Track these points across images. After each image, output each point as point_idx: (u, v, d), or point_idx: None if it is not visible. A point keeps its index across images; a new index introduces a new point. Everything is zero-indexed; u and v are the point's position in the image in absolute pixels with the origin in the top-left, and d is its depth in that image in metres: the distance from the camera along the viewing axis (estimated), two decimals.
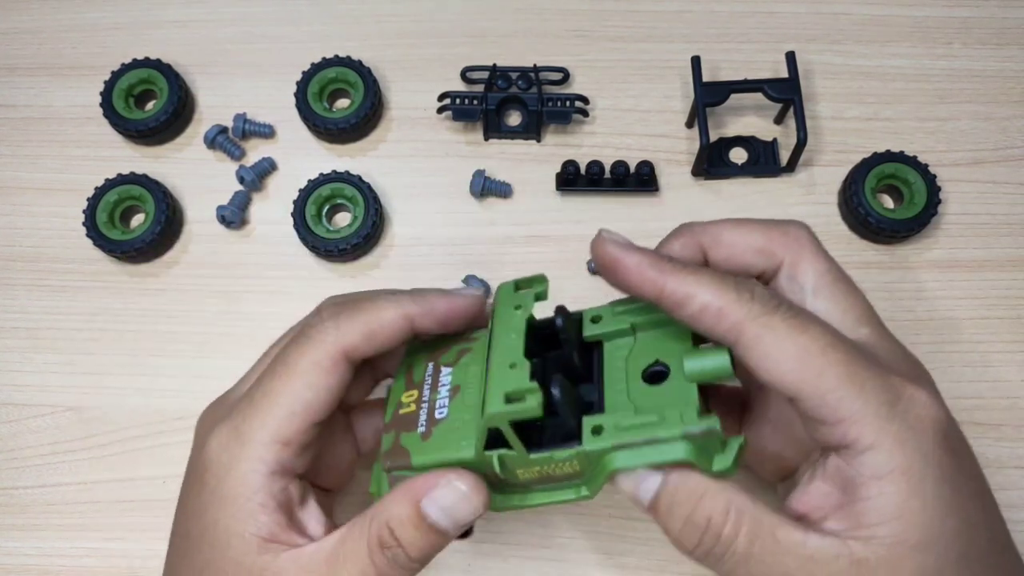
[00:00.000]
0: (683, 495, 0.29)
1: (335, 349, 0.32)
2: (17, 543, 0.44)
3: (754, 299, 0.29)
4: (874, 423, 0.28)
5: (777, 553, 0.28)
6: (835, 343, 0.29)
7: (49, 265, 0.49)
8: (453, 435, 0.32)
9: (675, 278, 0.30)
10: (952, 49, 0.52)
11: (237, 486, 0.31)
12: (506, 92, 0.50)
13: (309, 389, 0.32)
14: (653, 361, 0.31)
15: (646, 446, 0.29)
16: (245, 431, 0.32)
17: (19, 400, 0.47)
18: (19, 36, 0.54)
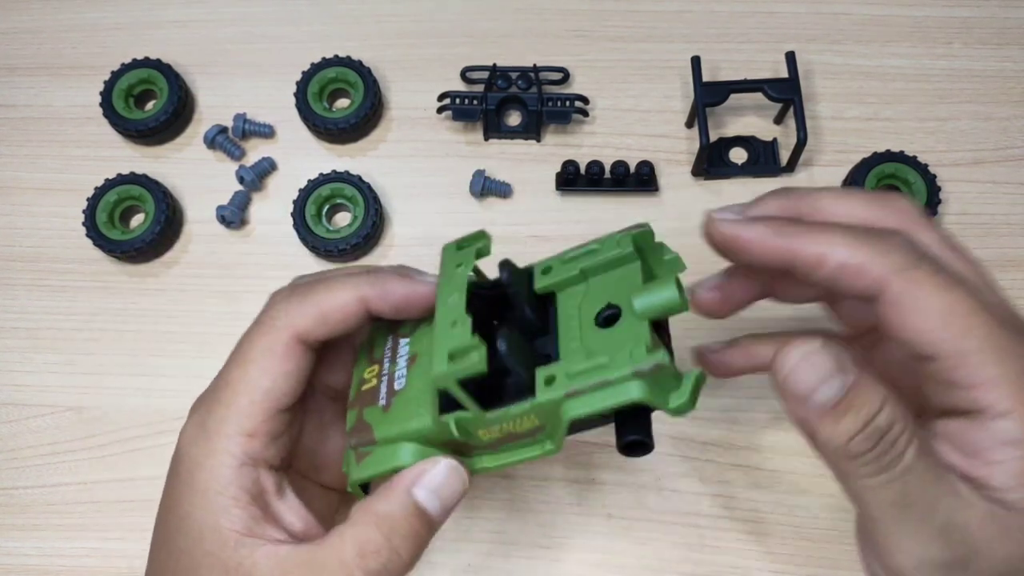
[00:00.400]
0: (869, 398, 0.27)
1: (287, 334, 0.32)
2: (17, 543, 0.44)
3: (895, 251, 0.28)
4: (1010, 390, 0.27)
5: (934, 477, 0.27)
6: (982, 305, 0.28)
7: (49, 265, 0.49)
8: (411, 404, 0.31)
9: (805, 240, 0.29)
10: (952, 49, 0.52)
11: (208, 480, 0.31)
12: (506, 92, 0.50)
13: (265, 376, 0.32)
14: (605, 305, 0.30)
15: (599, 390, 0.28)
16: (210, 424, 0.32)
17: (19, 400, 0.47)
18: (19, 36, 0.54)
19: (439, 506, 0.31)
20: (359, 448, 0.32)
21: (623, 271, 0.31)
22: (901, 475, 0.27)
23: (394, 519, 0.30)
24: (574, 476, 0.44)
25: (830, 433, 0.28)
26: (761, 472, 0.44)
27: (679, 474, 0.44)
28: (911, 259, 0.28)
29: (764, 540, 0.43)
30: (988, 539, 0.27)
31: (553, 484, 0.44)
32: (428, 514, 0.30)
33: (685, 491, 0.43)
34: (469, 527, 0.43)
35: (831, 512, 0.43)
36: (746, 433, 0.44)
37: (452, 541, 0.43)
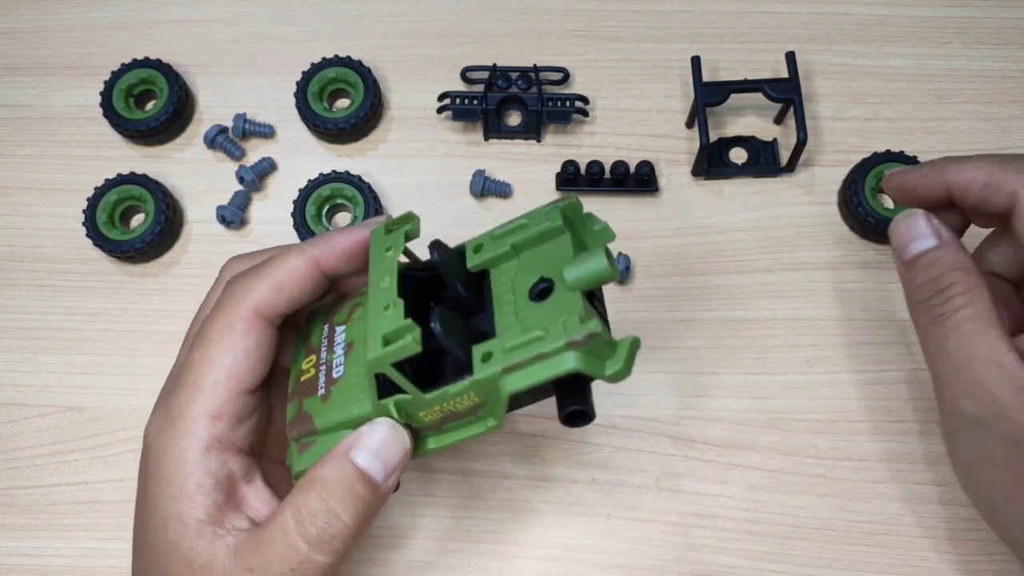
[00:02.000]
0: (946, 259, 0.34)
1: (245, 309, 0.32)
2: (17, 543, 0.44)
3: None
4: None
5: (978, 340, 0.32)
6: None
7: (49, 265, 0.49)
8: (351, 391, 0.31)
9: (956, 170, 0.35)
10: (952, 49, 0.52)
11: (173, 466, 0.31)
12: (506, 92, 0.50)
13: (227, 355, 0.31)
14: (538, 279, 0.30)
15: (535, 363, 0.28)
16: (175, 409, 0.31)
17: (19, 400, 0.47)
18: (19, 36, 0.54)
19: (380, 467, 0.30)
20: (301, 439, 0.32)
21: (553, 244, 0.31)
22: (949, 329, 0.33)
23: (329, 482, 0.29)
24: (574, 476, 0.44)
25: (908, 279, 0.35)
26: (761, 472, 0.44)
27: (679, 474, 0.44)
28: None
29: (764, 540, 0.43)
30: (1015, 408, 0.31)
31: (553, 484, 0.44)
32: (368, 475, 0.30)
33: (685, 491, 0.43)
34: (469, 527, 0.43)
35: (831, 512, 0.43)
36: (746, 433, 0.44)
37: (452, 541, 0.43)
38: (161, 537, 0.31)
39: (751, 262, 0.48)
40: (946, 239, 0.35)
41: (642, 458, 0.44)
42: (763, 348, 0.46)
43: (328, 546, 0.29)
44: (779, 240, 0.48)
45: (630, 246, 0.48)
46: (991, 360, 0.32)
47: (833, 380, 0.45)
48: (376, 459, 0.30)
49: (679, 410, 0.44)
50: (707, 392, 0.45)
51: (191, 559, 0.30)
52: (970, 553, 0.42)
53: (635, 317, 0.47)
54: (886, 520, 0.43)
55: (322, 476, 0.30)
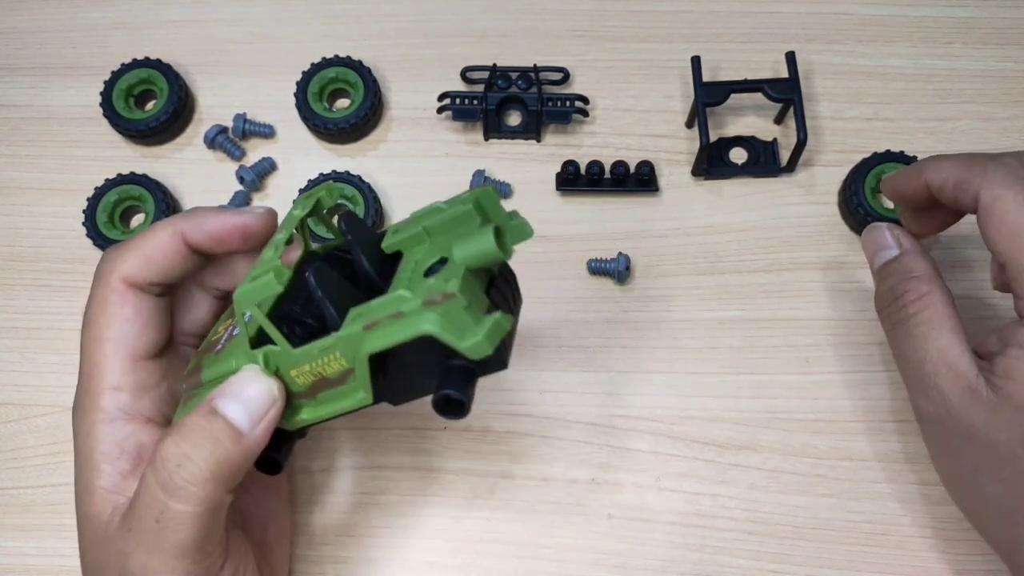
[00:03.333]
0: (901, 268, 0.36)
1: (114, 279, 0.33)
2: (17, 543, 0.44)
3: (996, 171, 0.33)
4: None
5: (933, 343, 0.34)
6: None
7: (49, 265, 0.49)
8: (235, 346, 0.31)
9: (931, 169, 0.35)
10: (952, 49, 0.52)
11: (85, 441, 0.32)
12: (506, 92, 0.50)
13: (108, 327, 0.32)
14: (438, 259, 0.30)
15: (393, 322, 0.27)
16: (81, 388, 0.33)
17: (19, 400, 0.47)
18: (19, 36, 0.54)
19: (242, 413, 0.29)
20: (188, 391, 0.32)
21: (463, 229, 0.30)
22: (905, 334, 0.35)
23: (186, 427, 0.29)
24: (574, 476, 0.44)
25: (876, 287, 0.38)
26: (761, 472, 0.44)
27: (679, 474, 0.44)
28: (1008, 180, 0.33)
29: (764, 540, 0.43)
30: (962, 407, 0.33)
31: (553, 484, 0.44)
32: (227, 419, 0.29)
33: (685, 491, 0.43)
34: (469, 527, 0.43)
35: (831, 512, 0.43)
36: (746, 433, 0.44)
37: (452, 541, 0.43)
38: (80, 511, 0.32)
39: (751, 262, 0.48)
40: (907, 248, 0.37)
41: (642, 458, 0.44)
42: (763, 348, 0.46)
43: (183, 492, 0.28)
44: (779, 240, 0.48)
45: (630, 246, 0.48)
46: (942, 361, 0.34)
47: (833, 380, 0.45)
48: (237, 404, 0.29)
49: (679, 410, 0.45)
50: (707, 392, 0.45)
51: (96, 527, 0.31)
52: (969, 553, 0.42)
53: (635, 317, 0.47)
54: (886, 520, 0.43)
55: (182, 423, 0.29)
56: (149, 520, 0.28)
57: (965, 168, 0.34)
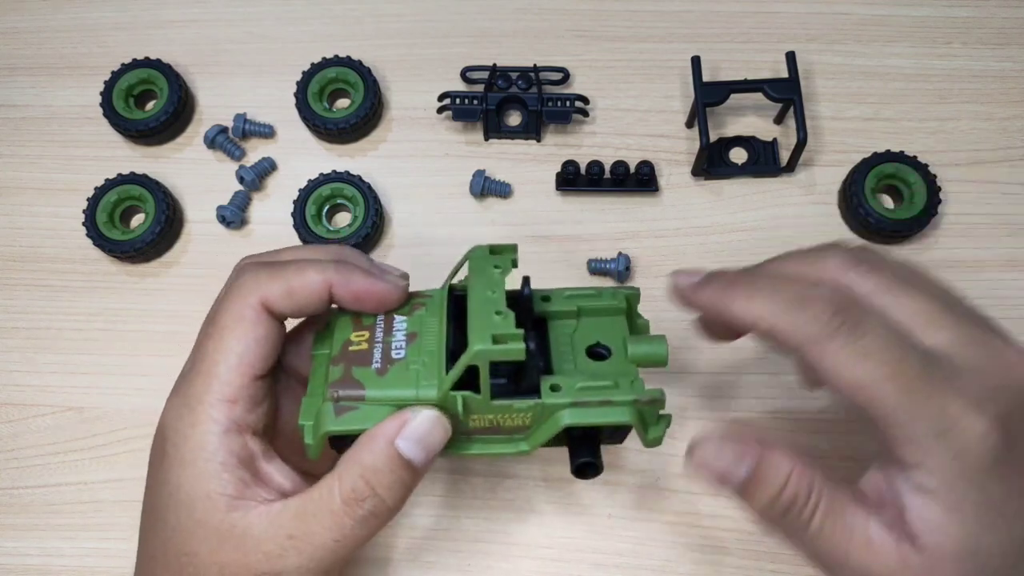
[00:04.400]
0: (772, 477, 0.31)
1: (255, 299, 0.33)
2: (18, 543, 0.44)
3: (813, 321, 0.30)
4: (920, 447, 0.29)
5: (845, 532, 0.30)
6: (895, 372, 0.29)
7: (49, 265, 0.49)
8: (412, 375, 0.33)
9: (741, 306, 0.32)
10: (952, 49, 0.52)
11: (195, 449, 0.32)
12: (506, 92, 0.50)
13: (238, 342, 0.33)
14: (595, 342, 0.35)
15: (600, 407, 0.33)
16: (192, 395, 0.33)
17: (19, 400, 0.47)
18: (19, 36, 0.54)
19: (422, 455, 0.32)
20: (342, 401, 0.33)
21: (612, 320, 0.36)
22: (811, 539, 0.31)
23: (378, 469, 0.31)
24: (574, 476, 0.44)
25: (750, 507, 0.32)
26: None
27: (679, 474, 0.44)
28: (827, 331, 0.30)
29: (764, 540, 0.43)
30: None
31: (553, 484, 0.44)
32: (412, 463, 0.32)
33: (685, 491, 0.43)
34: (470, 527, 0.43)
35: None
36: None
37: (452, 541, 0.43)
38: (187, 519, 0.32)
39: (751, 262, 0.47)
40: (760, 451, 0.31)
41: (642, 458, 0.44)
42: (763, 348, 0.46)
43: (371, 523, 0.32)
44: (779, 240, 0.48)
45: (630, 246, 0.48)
46: (865, 544, 0.30)
47: None
48: (420, 447, 0.32)
49: (679, 410, 0.44)
50: (707, 392, 0.45)
51: (224, 533, 0.31)
52: None
53: None
54: None
55: (371, 464, 0.31)
56: (326, 538, 0.31)
57: (779, 317, 0.31)
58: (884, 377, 0.30)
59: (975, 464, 0.29)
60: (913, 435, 0.29)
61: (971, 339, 0.32)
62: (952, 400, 0.29)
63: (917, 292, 0.32)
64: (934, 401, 0.29)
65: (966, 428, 0.29)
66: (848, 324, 0.30)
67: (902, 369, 0.30)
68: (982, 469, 0.29)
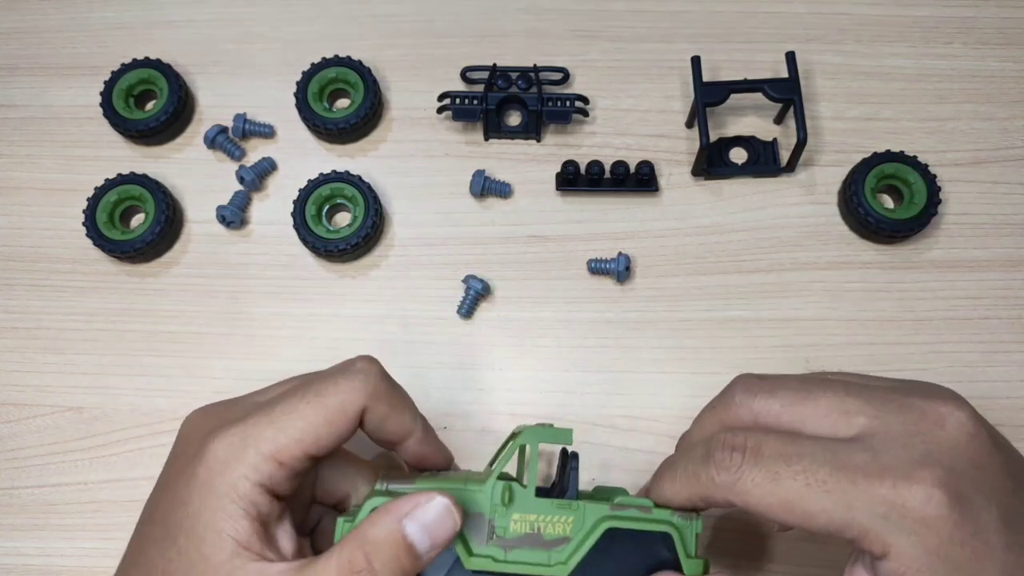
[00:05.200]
0: None
1: (362, 402, 0.34)
2: (17, 543, 0.44)
3: (719, 471, 0.31)
4: (876, 537, 0.29)
5: None
6: (809, 480, 0.30)
7: (49, 265, 0.49)
8: (458, 479, 0.34)
9: (666, 493, 0.34)
10: (952, 49, 0.52)
11: (228, 486, 0.32)
12: (506, 92, 0.50)
13: (327, 425, 0.33)
14: None
15: (640, 514, 0.33)
16: (252, 437, 0.33)
17: (19, 400, 0.47)
18: (19, 36, 0.54)
19: (427, 543, 0.31)
20: (391, 487, 0.34)
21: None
22: None
23: (378, 544, 0.31)
24: None
25: None
26: None
27: None
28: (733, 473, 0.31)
29: (764, 540, 0.43)
30: None
31: None
32: (414, 548, 0.31)
33: None
34: None
35: None
36: None
37: None
38: (194, 549, 0.32)
39: (751, 262, 0.48)
40: None
41: (642, 458, 0.44)
42: (763, 348, 0.46)
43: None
44: (779, 240, 0.48)
45: (630, 246, 0.48)
46: None
47: None
48: (425, 533, 0.31)
49: (679, 410, 0.44)
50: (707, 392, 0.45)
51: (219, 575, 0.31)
52: None
53: (635, 317, 0.47)
54: None
55: (372, 537, 0.31)
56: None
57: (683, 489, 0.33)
58: (802, 488, 0.30)
59: (933, 536, 0.29)
60: (864, 529, 0.29)
61: (888, 412, 0.31)
62: (879, 483, 0.29)
63: (822, 392, 0.33)
64: (860, 490, 0.29)
65: (907, 502, 0.29)
66: (749, 456, 0.31)
67: (813, 475, 0.30)
68: (941, 539, 0.29)
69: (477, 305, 0.47)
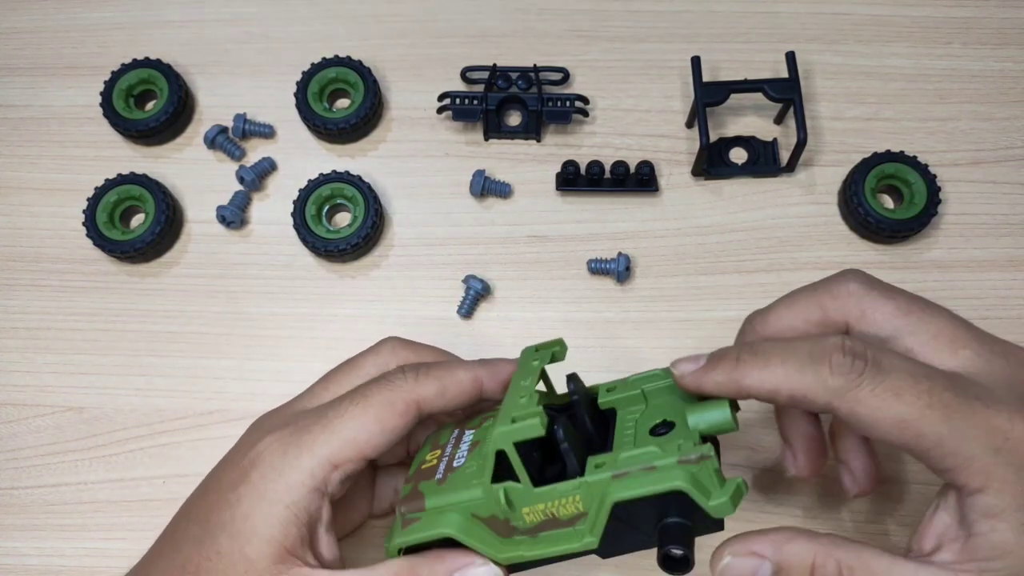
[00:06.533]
0: (797, 570, 0.30)
1: (411, 397, 0.34)
2: (17, 543, 0.44)
3: (835, 374, 0.29)
4: (980, 468, 0.29)
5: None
6: (932, 401, 0.29)
7: (49, 265, 0.49)
8: (465, 478, 0.33)
9: (754, 379, 0.31)
10: (952, 49, 0.52)
11: (282, 491, 0.32)
12: (506, 92, 0.50)
13: (377, 423, 0.33)
14: (660, 420, 0.33)
15: (644, 474, 0.30)
16: (306, 442, 0.33)
17: (19, 400, 0.47)
18: (19, 36, 0.54)
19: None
20: (407, 515, 0.34)
21: (681, 395, 0.34)
22: None
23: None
24: None
25: None
26: (761, 471, 0.43)
27: None
28: (851, 379, 0.29)
29: None
30: None
31: None
32: None
33: None
34: None
35: (831, 512, 0.43)
36: (746, 433, 0.44)
37: None
38: (236, 551, 0.32)
39: (751, 262, 0.48)
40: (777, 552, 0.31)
41: None
42: None
43: None
44: (779, 240, 0.48)
45: (630, 246, 0.48)
46: None
47: None
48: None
49: None
50: None
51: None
52: None
53: (635, 317, 0.47)
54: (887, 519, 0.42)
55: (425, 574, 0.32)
56: None
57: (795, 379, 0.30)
58: (923, 408, 0.29)
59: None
60: (969, 458, 0.29)
61: (993, 352, 0.31)
62: (995, 415, 0.29)
63: (934, 312, 0.32)
64: (979, 420, 0.29)
65: (1020, 436, 0.29)
66: (871, 366, 0.29)
67: (937, 396, 0.29)
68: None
69: (477, 305, 0.47)
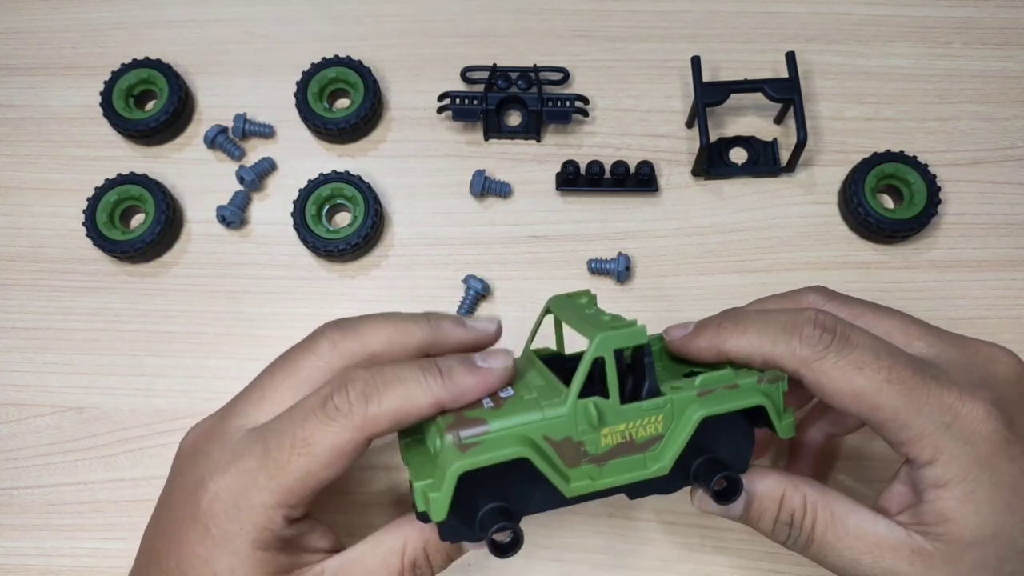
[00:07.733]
0: (767, 503, 0.34)
1: (361, 437, 0.31)
2: (17, 543, 0.44)
3: (805, 344, 0.32)
4: (931, 442, 0.31)
5: (849, 538, 0.32)
6: (891, 376, 0.32)
7: (49, 265, 0.49)
8: (530, 402, 0.32)
9: (733, 343, 0.34)
10: (952, 49, 0.52)
11: (248, 540, 0.31)
12: (506, 92, 0.50)
13: (326, 470, 0.31)
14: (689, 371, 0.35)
15: (728, 392, 0.32)
16: (253, 495, 0.31)
17: (19, 400, 0.47)
18: (19, 36, 0.54)
19: None
20: (464, 439, 0.31)
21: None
22: (820, 550, 0.33)
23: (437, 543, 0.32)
24: None
25: (760, 532, 0.35)
26: None
27: None
28: (819, 350, 0.32)
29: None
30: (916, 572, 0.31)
31: None
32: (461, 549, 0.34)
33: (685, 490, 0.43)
34: None
35: None
36: None
37: None
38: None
39: (751, 262, 0.48)
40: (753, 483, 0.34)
41: None
42: None
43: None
44: (779, 240, 0.48)
45: (630, 246, 0.48)
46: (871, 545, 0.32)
47: None
48: None
49: None
50: None
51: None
52: None
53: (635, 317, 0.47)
54: None
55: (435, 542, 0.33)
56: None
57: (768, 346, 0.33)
58: (882, 382, 0.31)
59: (985, 448, 0.31)
60: (922, 432, 0.31)
61: (945, 343, 0.34)
62: (948, 393, 0.31)
63: (886, 313, 0.36)
64: (932, 397, 0.31)
65: (968, 414, 0.31)
66: (837, 340, 0.32)
67: (896, 373, 0.32)
68: (992, 452, 0.31)
69: (477, 305, 0.47)
